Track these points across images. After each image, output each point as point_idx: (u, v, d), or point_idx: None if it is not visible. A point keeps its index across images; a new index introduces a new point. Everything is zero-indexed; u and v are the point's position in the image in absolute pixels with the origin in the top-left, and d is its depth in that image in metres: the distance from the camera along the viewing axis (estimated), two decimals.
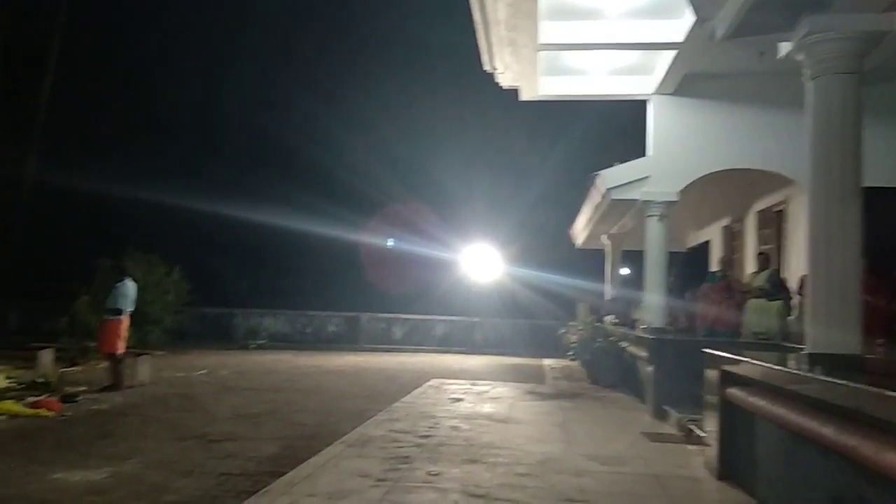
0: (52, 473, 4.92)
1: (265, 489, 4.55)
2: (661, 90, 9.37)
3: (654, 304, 9.38)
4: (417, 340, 19.68)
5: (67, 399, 8.29)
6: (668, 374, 8.14)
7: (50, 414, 7.46)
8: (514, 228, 21.94)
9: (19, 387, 8.90)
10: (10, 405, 7.48)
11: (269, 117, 23.89)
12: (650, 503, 4.58)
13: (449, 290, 20.69)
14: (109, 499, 4.34)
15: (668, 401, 7.94)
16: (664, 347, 8.46)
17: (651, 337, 8.77)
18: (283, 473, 4.98)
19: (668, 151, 9.41)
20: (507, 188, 24.44)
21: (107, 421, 7.22)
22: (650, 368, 8.49)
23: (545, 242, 21.48)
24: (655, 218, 9.43)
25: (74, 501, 4.26)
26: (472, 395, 9.85)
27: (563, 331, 13.96)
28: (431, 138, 24.77)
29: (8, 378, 9.17)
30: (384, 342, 19.65)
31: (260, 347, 18.33)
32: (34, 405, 7.67)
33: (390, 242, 21.51)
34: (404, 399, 9.12)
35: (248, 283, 22.30)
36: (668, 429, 7.35)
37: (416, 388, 10.32)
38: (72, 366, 11.67)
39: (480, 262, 21.22)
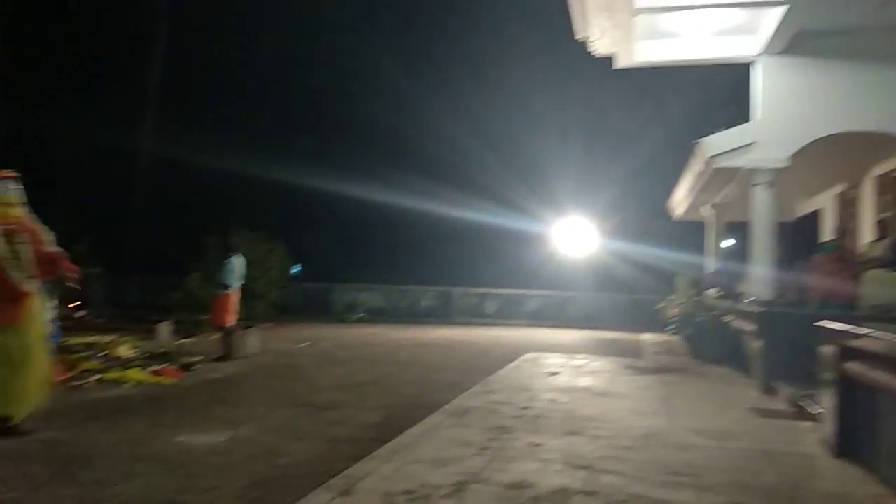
0: (177, 436, 5.28)
1: (371, 455, 4.70)
2: (768, 51, 8.86)
3: (761, 276, 8.98)
4: (510, 315, 19.70)
5: (185, 368, 8.85)
6: (777, 348, 7.79)
7: (171, 381, 8.00)
8: (609, 200, 21.37)
9: (142, 357, 9.57)
10: (137, 373, 8.06)
11: (363, 93, 23.89)
12: (762, 479, 4.43)
13: (542, 264, 20.50)
14: (230, 460, 4.61)
15: (778, 376, 7.61)
16: (773, 321, 8.09)
17: (759, 310, 8.40)
18: (387, 441, 5.13)
19: (777, 115, 8.90)
20: (603, 160, 23.70)
21: (222, 389, 7.66)
22: (758, 343, 8.15)
23: (642, 214, 20.87)
24: (763, 186, 8.98)
25: (199, 461, 4.56)
26: (569, 368, 9.78)
27: (661, 305, 13.61)
28: (524, 109, 24.12)
29: (133, 349, 9.89)
30: (477, 316, 19.79)
31: (357, 321, 18.88)
32: (157, 373, 8.25)
33: (482, 216, 21.36)
34: (500, 372, 9.17)
35: (344, 258, 22.89)
36: (778, 405, 7.05)
37: (511, 361, 10.35)
38: (187, 338, 12.42)
39: (574, 235, 20.83)
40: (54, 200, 5.08)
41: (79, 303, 13.31)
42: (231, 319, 10.22)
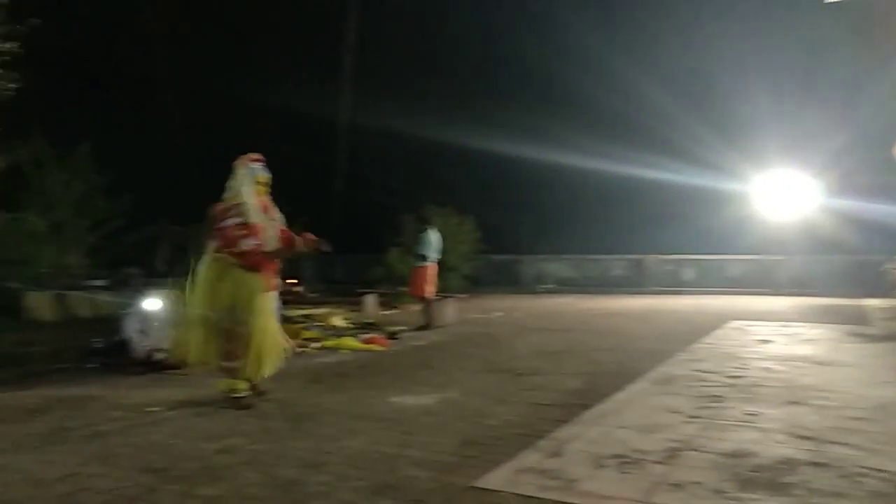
0: (389, 397, 5.65)
1: (576, 419, 4.72)
2: None
3: None
4: (709, 282, 18.60)
5: (391, 336, 9.44)
6: None
7: (380, 349, 8.58)
8: (825, 152, 19.08)
9: (353, 327, 10.37)
10: (350, 342, 8.75)
11: (541, 51, 23.10)
12: None
13: (743, 226, 18.97)
14: (441, 420, 4.85)
15: None
16: None
17: None
18: (591, 406, 5.11)
19: None
20: (816, 107, 21.08)
21: (426, 355, 8.08)
22: None
23: (862, 167, 18.48)
24: None
25: (412, 420, 4.85)
26: (783, 336, 9.06)
27: (889, 266, 12.11)
28: (719, 54, 21.78)
29: (344, 319, 10.74)
30: (672, 284, 18.94)
31: (547, 292, 18.91)
32: (367, 342, 8.88)
33: (675, 177, 19.96)
34: (704, 340, 8.73)
35: (531, 229, 22.88)
36: None
37: (715, 329, 9.81)
38: (390, 309, 13.23)
39: (782, 192, 18.95)
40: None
41: (296, 279, 14.69)
42: (430, 291, 10.71)
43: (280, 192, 5.98)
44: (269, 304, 5.64)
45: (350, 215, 24.88)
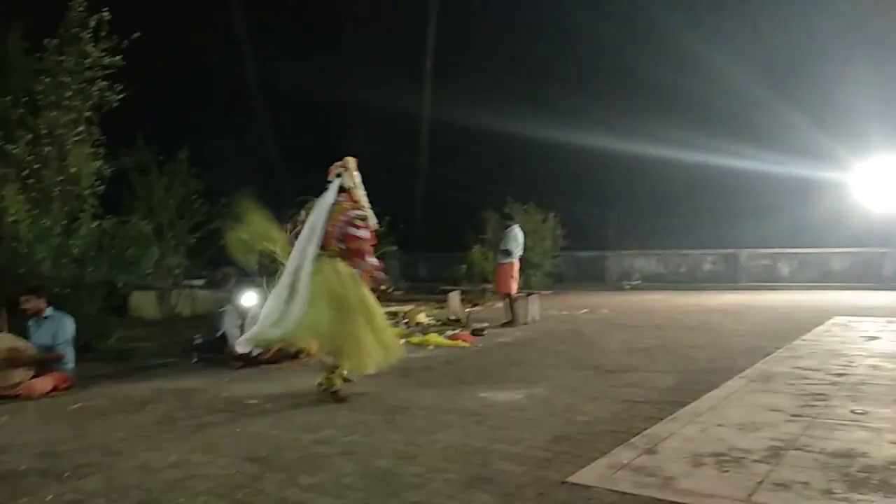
0: (478, 392, 5.68)
1: (672, 416, 4.60)
2: None
3: None
4: (809, 277, 17.74)
5: (476, 333, 9.47)
6: None
7: (465, 345, 8.63)
8: None
9: (438, 323, 10.48)
10: (436, 338, 8.84)
11: (624, 38, 22.36)
12: None
13: (845, 217, 17.90)
14: (530, 415, 4.84)
15: None
16: None
17: None
18: (685, 404, 4.97)
19: None
20: None
21: (512, 351, 8.07)
22: None
23: None
24: None
25: (502, 415, 4.86)
26: (891, 332, 8.53)
27: None
28: (815, 36, 20.37)
29: (428, 316, 10.88)
30: (768, 280, 18.17)
31: (634, 288, 18.49)
32: (452, 338, 8.95)
33: (768, 166, 18.92)
34: (804, 337, 8.32)
35: (617, 223, 22.41)
36: None
37: (817, 326, 9.33)
38: (473, 306, 13.28)
39: (885, 180, 17.70)
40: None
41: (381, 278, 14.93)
42: (514, 287, 10.68)
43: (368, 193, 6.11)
44: (376, 303, 5.79)
45: (431, 214, 25.05)
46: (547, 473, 3.55)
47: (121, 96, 9.10)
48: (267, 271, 5.97)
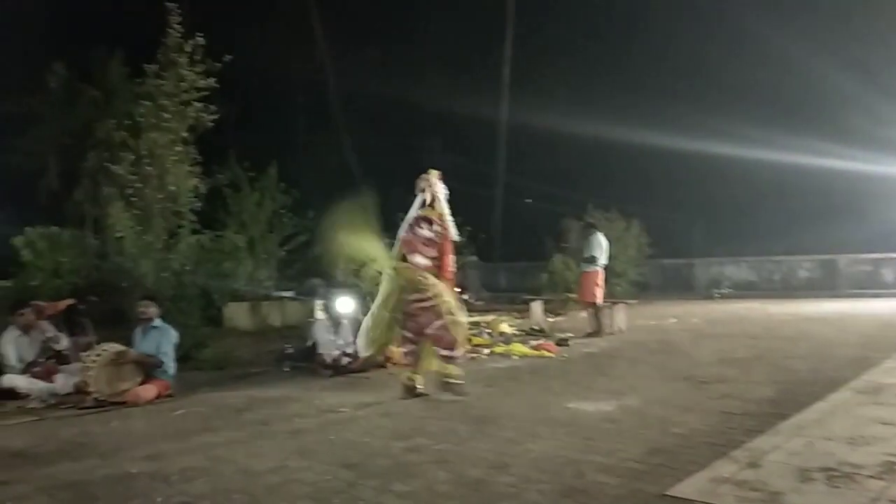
0: (566, 402, 5.60)
1: (774, 429, 4.39)
2: None
3: None
4: None
5: (560, 343, 9.35)
6: None
7: (550, 355, 8.52)
8: None
9: (521, 333, 10.41)
10: (520, 347, 8.79)
11: (708, 39, 21.62)
12: None
13: None
14: (622, 427, 4.73)
15: None
16: None
17: None
18: (787, 416, 4.74)
19: None
20: None
21: (599, 362, 7.92)
22: None
23: None
24: None
25: (593, 426, 4.77)
26: None
27: None
28: None
29: (511, 326, 10.83)
30: (870, 286, 17.13)
31: (723, 297, 17.82)
32: (537, 348, 8.87)
33: (868, 167, 17.78)
34: None
35: (705, 229, 21.68)
36: None
37: None
38: (556, 316, 13.12)
39: None
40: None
41: (461, 287, 15.01)
42: (599, 296, 10.49)
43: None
44: (456, 303, 5.99)
45: (510, 223, 24.98)
46: (644, 486, 3.46)
47: (215, 116, 9.56)
48: (356, 282, 6.20)
